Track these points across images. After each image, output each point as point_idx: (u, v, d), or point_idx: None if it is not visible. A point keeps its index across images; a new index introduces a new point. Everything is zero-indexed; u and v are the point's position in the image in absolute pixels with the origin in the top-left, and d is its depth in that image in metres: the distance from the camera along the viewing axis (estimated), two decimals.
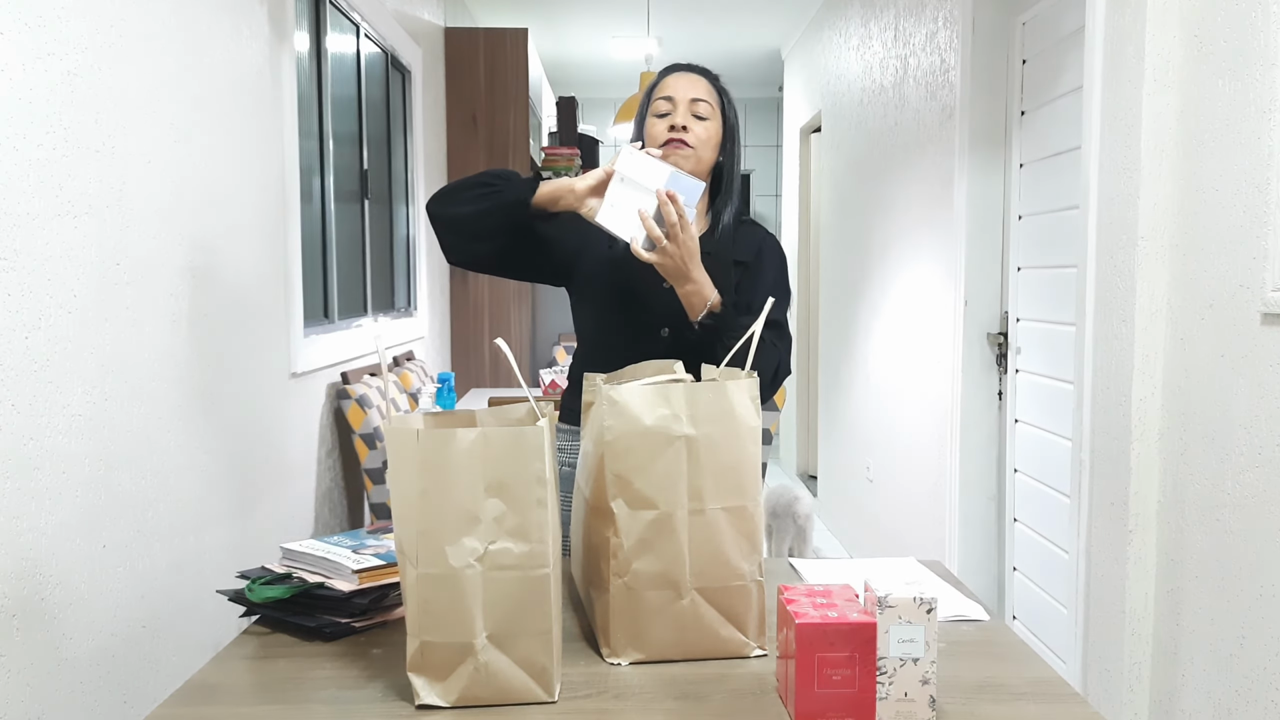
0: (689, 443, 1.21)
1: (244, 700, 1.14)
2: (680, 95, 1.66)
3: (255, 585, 1.35)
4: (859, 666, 1.06)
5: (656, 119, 1.68)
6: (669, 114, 1.66)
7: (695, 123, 1.66)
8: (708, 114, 1.67)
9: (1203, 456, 1.87)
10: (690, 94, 1.66)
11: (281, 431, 2.49)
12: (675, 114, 1.66)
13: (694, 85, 1.68)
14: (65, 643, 1.54)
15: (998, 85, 3.00)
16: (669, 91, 1.68)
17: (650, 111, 1.69)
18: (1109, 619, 2.11)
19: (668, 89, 1.68)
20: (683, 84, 1.68)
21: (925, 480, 3.47)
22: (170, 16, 1.90)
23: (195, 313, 1.99)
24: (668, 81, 1.70)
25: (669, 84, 1.69)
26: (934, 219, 3.35)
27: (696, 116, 1.66)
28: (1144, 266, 2.01)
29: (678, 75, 1.70)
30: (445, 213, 1.62)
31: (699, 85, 1.68)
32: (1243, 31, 1.75)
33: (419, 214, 4.18)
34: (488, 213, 1.58)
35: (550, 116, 6.27)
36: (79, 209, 1.59)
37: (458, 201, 1.60)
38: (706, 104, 1.67)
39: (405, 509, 1.10)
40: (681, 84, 1.68)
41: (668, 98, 1.67)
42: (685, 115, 1.65)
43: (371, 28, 3.52)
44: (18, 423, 1.43)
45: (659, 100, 1.68)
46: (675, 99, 1.66)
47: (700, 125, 1.66)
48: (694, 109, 1.66)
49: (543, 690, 1.12)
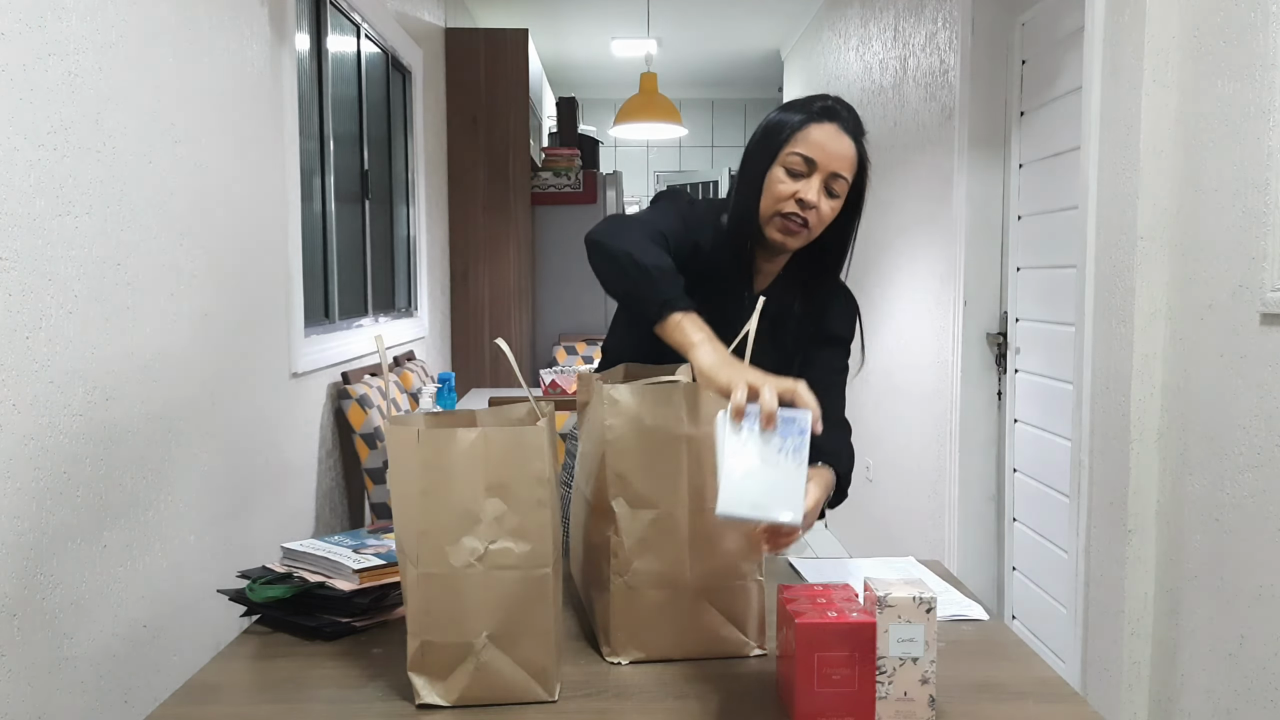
0: (690, 442, 1.21)
1: (244, 700, 1.14)
2: (824, 161, 1.39)
3: (256, 585, 1.35)
4: (859, 666, 1.06)
5: (787, 177, 1.40)
6: (801, 177, 1.40)
7: (825, 201, 1.41)
8: (841, 191, 1.42)
9: (1202, 457, 1.87)
10: (835, 165, 1.39)
11: (282, 431, 2.49)
12: (809, 184, 1.39)
13: (843, 149, 1.40)
14: (65, 643, 1.54)
15: (997, 85, 3.00)
16: (813, 150, 1.39)
17: (780, 160, 1.41)
18: (1108, 619, 2.11)
19: (812, 145, 1.39)
20: (831, 145, 1.39)
21: (925, 480, 3.47)
22: (171, 17, 1.90)
23: (195, 313, 1.99)
24: (815, 135, 1.40)
25: (816, 139, 1.40)
26: (933, 219, 3.35)
27: (830, 194, 1.41)
28: (1143, 267, 2.01)
29: (829, 131, 1.40)
30: (594, 257, 1.35)
31: (847, 152, 1.40)
32: (1243, 31, 1.75)
33: (419, 214, 4.18)
34: (620, 293, 1.34)
35: (551, 117, 6.27)
36: (79, 209, 1.59)
37: (610, 259, 1.32)
38: (845, 180, 1.41)
39: (406, 509, 1.11)
40: (830, 145, 1.39)
41: (808, 158, 1.39)
42: (819, 190, 1.40)
43: (372, 28, 3.52)
44: (18, 423, 1.43)
45: (795, 155, 1.40)
46: (818, 163, 1.39)
47: (829, 204, 1.41)
48: (831, 184, 1.40)
49: (543, 690, 1.13)
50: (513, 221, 4.84)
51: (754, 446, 1.01)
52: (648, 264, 1.27)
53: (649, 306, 1.26)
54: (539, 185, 5.19)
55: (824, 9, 5.32)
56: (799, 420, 1.01)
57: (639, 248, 1.30)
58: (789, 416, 1.01)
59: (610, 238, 1.33)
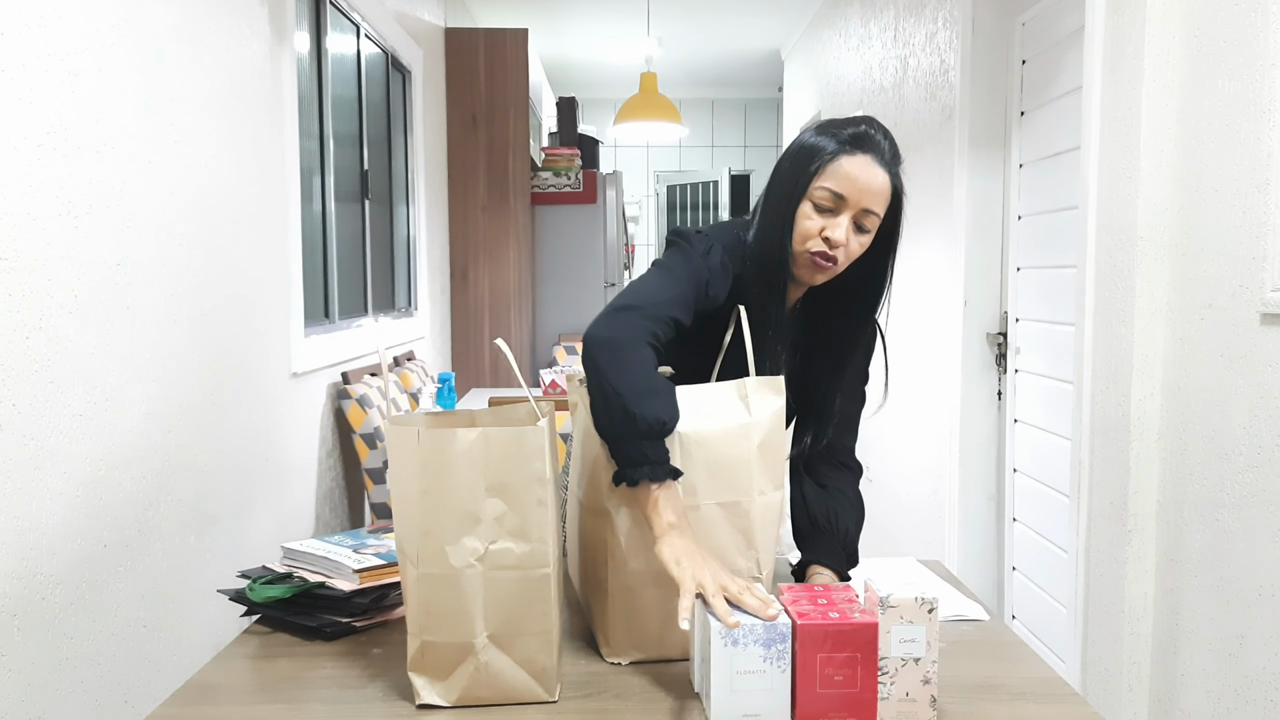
0: (681, 439, 1.21)
1: (244, 700, 1.14)
2: (855, 197, 1.29)
3: (256, 585, 1.35)
4: (861, 667, 1.06)
5: (814, 213, 1.31)
6: (830, 213, 1.30)
7: (854, 236, 1.31)
8: (873, 227, 1.32)
9: (1202, 456, 1.87)
10: (866, 201, 1.29)
11: (282, 431, 2.49)
12: (837, 222, 1.30)
13: (875, 183, 1.29)
14: (65, 643, 1.54)
15: (997, 85, 3.00)
16: (842, 185, 1.29)
17: (809, 194, 1.31)
18: (1108, 619, 2.11)
19: (842, 179, 1.29)
20: (863, 179, 1.29)
21: (925, 480, 3.47)
22: (171, 17, 1.90)
23: (195, 313, 1.99)
24: (846, 167, 1.29)
25: (847, 171, 1.29)
26: (934, 219, 3.35)
27: (859, 228, 1.32)
28: (1143, 267, 2.01)
29: (861, 163, 1.29)
30: (589, 373, 1.22)
31: (880, 186, 1.30)
32: (1243, 31, 1.75)
33: (419, 214, 4.18)
34: (603, 434, 1.21)
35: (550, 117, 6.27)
36: (79, 209, 1.59)
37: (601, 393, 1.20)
38: (877, 216, 1.32)
39: (406, 509, 1.11)
40: (862, 179, 1.29)
41: (837, 194, 1.29)
42: (848, 228, 1.30)
43: (372, 28, 3.52)
44: (18, 423, 1.43)
45: (823, 190, 1.30)
46: (848, 199, 1.29)
47: (858, 239, 1.32)
48: (862, 220, 1.31)
49: (543, 690, 1.13)
50: (512, 221, 4.84)
51: (740, 656, 1.06)
52: (638, 419, 1.16)
53: (627, 466, 1.17)
54: (539, 185, 5.19)
55: (824, 9, 5.32)
56: (780, 626, 1.06)
57: (633, 389, 1.18)
58: (771, 623, 1.07)
59: (609, 359, 1.20)
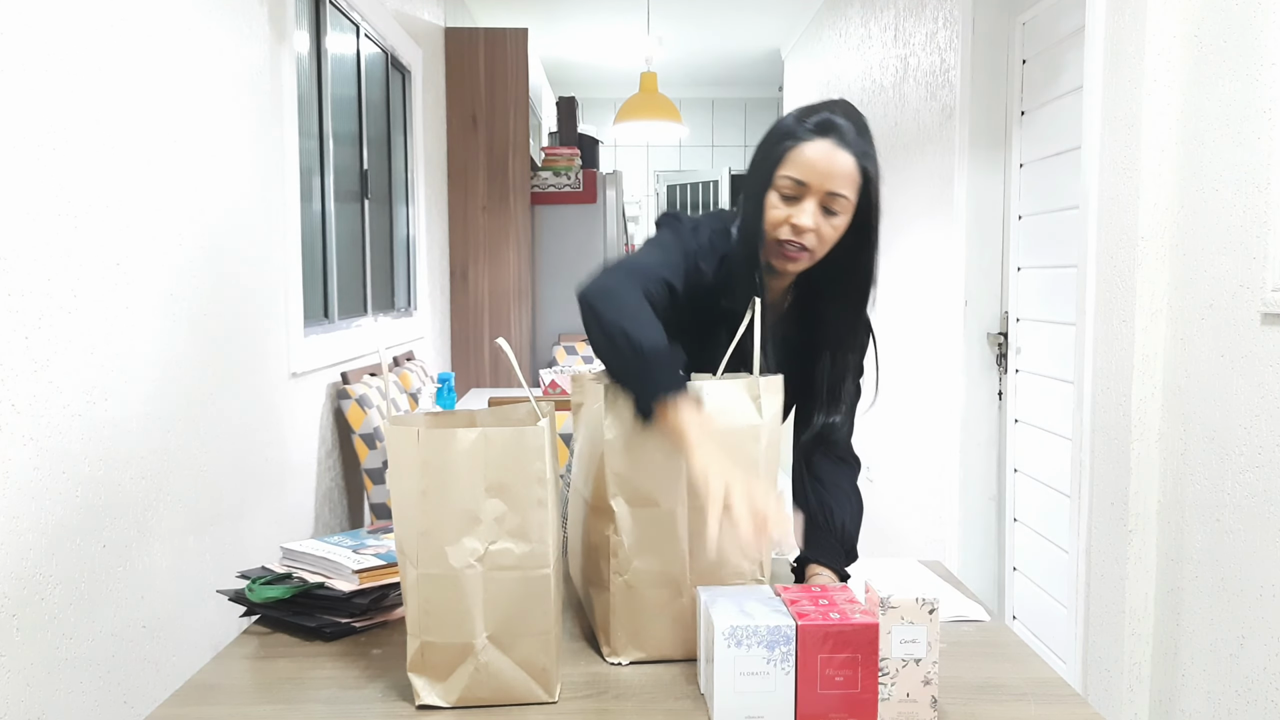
0: None
1: (244, 700, 1.14)
2: (817, 181, 1.29)
3: (255, 585, 1.35)
4: (861, 668, 1.06)
5: (780, 202, 1.32)
6: (794, 200, 1.31)
7: (825, 220, 1.31)
8: (843, 209, 1.32)
9: (1203, 456, 1.87)
10: (830, 184, 1.29)
11: (281, 431, 2.49)
12: (802, 208, 1.30)
13: (837, 166, 1.29)
14: (65, 643, 1.54)
15: (998, 85, 3.00)
16: (803, 172, 1.29)
17: (774, 183, 1.32)
18: (1109, 619, 2.11)
19: (803, 166, 1.29)
20: (823, 164, 1.29)
21: (925, 480, 3.47)
22: (170, 16, 1.90)
23: (195, 313, 1.99)
24: (806, 154, 1.30)
25: (807, 158, 1.29)
26: (934, 219, 3.35)
27: (828, 211, 1.31)
28: (1144, 266, 2.01)
29: (822, 148, 1.29)
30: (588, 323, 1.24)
31: (843, 169, 1.29)
32: (1243, 31, 1.75)
33: (419, 213, 4.18)
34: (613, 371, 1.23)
35: (550, 116, 6.27)
36: (79, 209, 1.59)
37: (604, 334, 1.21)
38: (846, 198, 1.31)
39: (405, 509, 1.10)
40: (822, 164, 1.29)
41: (798, 180, 1.30)
42: (815, 213, 1.30)
43: (371, 28, 3.52)
44: (18, 423, 1.43)
45: (785, 178, 1.30)
46: (809, 185, 1.29)
47: (829, 223, 1.31)
48: (829, 203, 1.30)
49: (543, 690, 1.12)
50: (512, 221, 4.84)
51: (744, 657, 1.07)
52: (643, 345, 1.17)
53: (643, 393, 1.18)
54: (539, 185, 5.18)
55: (824, 8, 5.32)
56: (784, 629, 1.07)
57: (634, 321, 1.19)
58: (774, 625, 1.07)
59: (604, 302, 1.22)
